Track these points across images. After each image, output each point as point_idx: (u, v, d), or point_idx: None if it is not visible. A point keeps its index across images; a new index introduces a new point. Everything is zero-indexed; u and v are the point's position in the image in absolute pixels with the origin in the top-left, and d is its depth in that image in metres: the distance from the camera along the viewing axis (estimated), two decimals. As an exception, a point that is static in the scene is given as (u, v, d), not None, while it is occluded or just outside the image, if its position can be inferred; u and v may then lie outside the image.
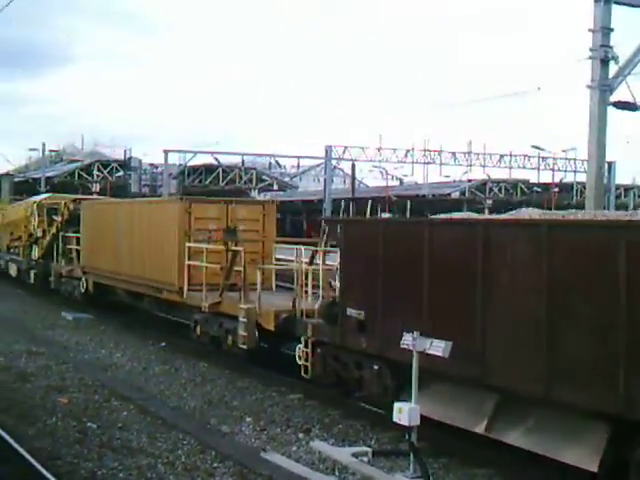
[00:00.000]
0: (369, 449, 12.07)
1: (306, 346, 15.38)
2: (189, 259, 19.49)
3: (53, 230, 31.24)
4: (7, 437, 11.99)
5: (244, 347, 17.08)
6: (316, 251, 17.85)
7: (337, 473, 11.21)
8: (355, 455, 11.75)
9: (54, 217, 31.41)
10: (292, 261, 19.37)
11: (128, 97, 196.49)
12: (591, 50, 16.74)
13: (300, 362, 15.57)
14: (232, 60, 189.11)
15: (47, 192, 56.13)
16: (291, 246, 20.55)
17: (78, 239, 28.46)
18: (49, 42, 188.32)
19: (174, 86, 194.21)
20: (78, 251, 28.32)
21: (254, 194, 64.20)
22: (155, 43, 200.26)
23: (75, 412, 14.14)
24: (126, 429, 13.18)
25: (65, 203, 31.00)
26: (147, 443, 12.41)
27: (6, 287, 35.90)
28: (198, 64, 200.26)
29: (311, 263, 17.72)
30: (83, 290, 27.45)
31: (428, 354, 10.70)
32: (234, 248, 18.31)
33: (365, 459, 11.68)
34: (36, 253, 32.80)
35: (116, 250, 24.25)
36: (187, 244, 19.55)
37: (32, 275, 32.94)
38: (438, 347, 11.07)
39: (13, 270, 35.93)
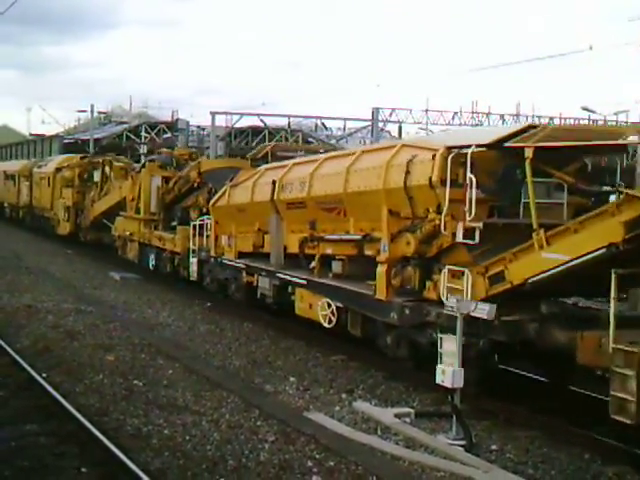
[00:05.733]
0: (412, 410, 12.08)
1: None
2: None
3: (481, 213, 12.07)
4: (55, 393, 12.23)
5: None
6: None
7: (379, 433, 11.22)
8: (398, 416, 11.76)
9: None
10: None
11: (174, 60, 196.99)
12: (645, 8, 16.26)
13: None
14: (277, 22, 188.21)
15: (96, 153, 51.32)
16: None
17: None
18: (97, 7, 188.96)
19: (219, 49, 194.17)
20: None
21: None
22: (201, 6, 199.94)
23: (122, 370, 14.35)
24: (172, 387, 13.34)
25: None
26: (192, 401, 12.55)
27: (55, 247, 36.47)
28: (242, 27, 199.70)
29: None
30: None
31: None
32: None
33: (407, 420, 11.69)
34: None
35: None
36: None
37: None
38: (483, 309, 11.02)
39: (264, 288, 18.13)
